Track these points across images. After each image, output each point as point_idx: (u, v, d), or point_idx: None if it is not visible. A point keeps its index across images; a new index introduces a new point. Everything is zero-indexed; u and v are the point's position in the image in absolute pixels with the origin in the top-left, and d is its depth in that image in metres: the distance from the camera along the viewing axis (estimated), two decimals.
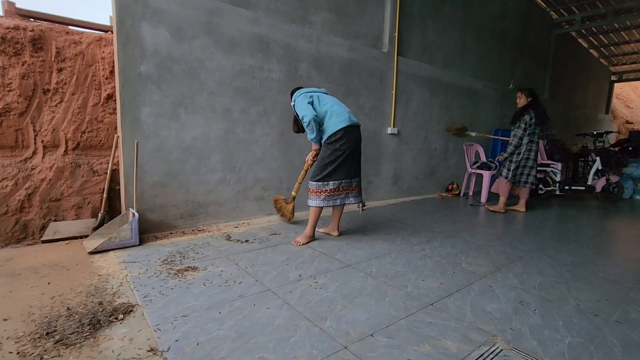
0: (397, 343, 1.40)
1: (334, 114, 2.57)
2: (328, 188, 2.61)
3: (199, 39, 2.88)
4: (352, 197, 2.73)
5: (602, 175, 5.16)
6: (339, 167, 2.59)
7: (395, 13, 4.37)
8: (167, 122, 2.79)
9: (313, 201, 2.63)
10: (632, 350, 1.41)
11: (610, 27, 8.98)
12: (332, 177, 2.60)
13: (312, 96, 2.61)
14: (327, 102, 2.62)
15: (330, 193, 2.62)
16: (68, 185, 2.73)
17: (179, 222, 2.94)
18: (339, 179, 2.62)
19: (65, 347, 1.30)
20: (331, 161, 2.57)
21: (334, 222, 2.87)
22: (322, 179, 2.59)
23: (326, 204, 2.63)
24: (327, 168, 2.58)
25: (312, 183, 2.64)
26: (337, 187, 2.63)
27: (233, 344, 1.36)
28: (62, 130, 2.75)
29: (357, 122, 2.67)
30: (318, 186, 2.61)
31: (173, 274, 2.01)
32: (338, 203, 2.67)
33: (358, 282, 1.99)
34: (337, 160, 2.57)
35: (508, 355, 1.35)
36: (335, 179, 2.61)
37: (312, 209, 2.66)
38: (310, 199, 2.65)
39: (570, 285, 2.06)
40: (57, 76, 2.74)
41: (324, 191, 2.61)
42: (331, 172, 2.58)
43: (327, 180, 2.60)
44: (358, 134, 2.67)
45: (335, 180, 2.61)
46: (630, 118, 14.43)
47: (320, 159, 2.64)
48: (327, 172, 2.58)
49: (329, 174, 2.59)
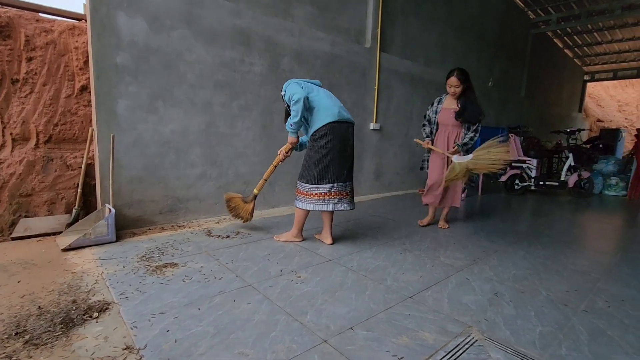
0: (376, 336, 1.43)
1: (320, 108, 2.33)
2: (319, 192, 2.36)
3: (177, 30, 2.80)
4: (346, 202, 2.45)
5: (574, 171, 5.37)
6: (328, 168, 2.34)
7: (377, 8, 4.38)
8: (144, 115, 2.72)
9: (301, 203, 2.42)
10: (598, 337, 1.49)
11: (584, 28, 9.31)
12: (322, 179, 2.35)
13: (304, 86, 2.36)
14: (317, 94, 2.36)
15: (321, 197, 2.37)
16: (40, 180, 2.62)
17: (157, 218, 2.88)
18: (331, 182, 2.36)
19: (35, 347, 1.26)
20: (317, 160, 2.34)
21: (326, 229, 2.58)
22: (312, 181, 2.36)
23: (316, 209, 2.38)
24: (315, 168, 2.34)
25: (303, 184, 2.40)
26: (329, 191, 2.37)
27: (212, 340, 1.35)
28: (32, 122, 2.63)
29: (347, 118, 2.41)
30: (308, 188, 2.38)
31: (151, 271, 1.97)
32: (329, 209, 2.39)
33: (339, 277, 2.00)
34: (324, 160, 2.33)
35: (482, 345, 1.39)
36: (327, 181, 2.36)
37: (297, 211, 2.48)
38: (297, 200, 2.44)
39: (542, 277, 2.14)
40: (27, 66, 2.61)
41: (315, 194, 2.37)
42: (321, 173, 2.34)
43: (319, 182, 2.35)
44: (347, 131, 2.40)
45: (327, 184, 2.36)
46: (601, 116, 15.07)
47: (306, 158, 2.42)
48: (316, 172, 2.34)
49: (319, 176, 2.34)
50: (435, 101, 3.13)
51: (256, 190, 2.74)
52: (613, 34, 9.68)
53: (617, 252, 2.75)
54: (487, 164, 2.71)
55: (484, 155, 2.74)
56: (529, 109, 8.98)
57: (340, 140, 2.35)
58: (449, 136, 3.04)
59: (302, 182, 2.42)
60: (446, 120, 3.01)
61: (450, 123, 3.00)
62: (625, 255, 2.64)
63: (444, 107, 3.04)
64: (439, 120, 3.05)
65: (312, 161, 2.36)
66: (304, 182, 2.41)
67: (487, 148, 2.74)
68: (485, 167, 2.73)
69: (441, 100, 3.10)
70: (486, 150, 2.75)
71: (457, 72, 2.90)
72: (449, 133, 3.04)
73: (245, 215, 2.75)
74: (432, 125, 3.12)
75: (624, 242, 3.11)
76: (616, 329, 1.57)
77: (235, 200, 2.78)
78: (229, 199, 2.80)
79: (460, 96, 2.95)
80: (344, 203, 2.43)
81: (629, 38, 9.80)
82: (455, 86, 2.91)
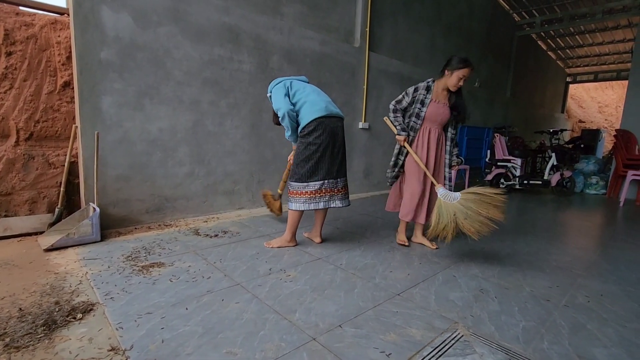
0: (364, 333, 1.44)
1: (307, 103, 2.27)
2: (309, 189, 2.30)
3: (164, 26, 2.76)
4: (338, 199, 2.40)
5: (557, 170, 5.51)
6: (318, 165, 2.29)
7: (366, 8, 4.40)
8: (130, 113, 2.67)
9: (292, 204, 2.34)
10: (578, 331, 1.53)
11: (567, 31, 9.54)
12: (312, 176, 2.29)
13: (288, 86, 2.32)
14: (303, 91, 2.31)
15: (311, 195, 2.31)
16: (20, 178, 2.54)
17: (144, 217, 2.83)
18: (321, 178, 2.31)
19: (16, 350, 1.22)
20: (307, 157, 2.28)
21: (317, 228, 2.57)
22: (301, 179, 2.30)
23: (307, 208, 2.31)
24: (304, 166, 2.28)
25: (292, 184, 2.35)
26: (320, 189, 2.32)
27: (200, 339, 1.34)
28: (12, 119, 2.55)
29: (336, 112, 2.35)
30: (298, 187, 2.31)
31: (137, 271, 1.94)
32: (321, 206, 2.34)
33: (328, 275, 2.01)
34: (314, 157, 2.27)
35: (468, 340, 1.42)
36: (316, 179, 2.30)
37: (290, 212, 2.37)
38: (289, 202, 2.36)
39: (526, 273, 2.20)
40: (6, 60, 2.53)
41: (305, 193, 2.30)
42: (310, 171, 2.29)
43: (307, 180, 2.29)
44: (337, 126, 2.34)
45: (316, 181, 2.30)
46: (583, 117, 15.49)
47: (295, 155, 2.35)
48: (305, 170, 2.28)
49: (308, 173, 2.29)
50: (421, 88, 2.47)
51: (279, 190, 3.05)
52: (594, 37, 9.96)
53: (597, 248, 2.83)
54: (475, 222, 2.13)
55: (474, 205, 2.15)
56: (514, 109, 9.16)
57: (329, 135, 2.28)
58: (438, 137, 2.51)
59: (291, 182, 2.36)
60: (437, 116, 2.46)
61: (439, 121, 2.48)
62: (604, 252, 2.73)
63: (435, 100, 2.46)
64: (427, 115, 2.45)
65: (301, 158, 2.30)
66: (293, 181, 2.34)
67: (480, 194, 2.18)
68: (470, 227, 2.13)
69: (430, 89, 2.47)
70: (479, 196, 2.17)
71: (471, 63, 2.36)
72: (437, 134, 2.51)
73: (276, 210, 3.05)
74: (410, 119, 2.51)
75: (604, 239, 3.22)
76: (595, 322, 1.62)
77: (268, 197, 3.09)
78: (264, 195, 3.12)
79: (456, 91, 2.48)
80: (335, 200, 2.39)
81: (609, 41, 10.10)
82: (465, 79, 2.38)
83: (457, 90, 2.47)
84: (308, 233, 2.70)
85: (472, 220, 2.13)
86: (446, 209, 2.21)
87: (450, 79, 2.39)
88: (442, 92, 2.49)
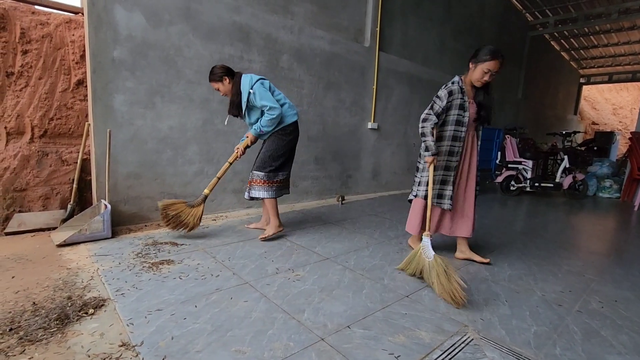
0: (373, 334, 1.43)
1: (286, 105, 2.54)
2: (278, 179, 2.60)
3: (176, 25, 2.78)
4: (286, 189, 2.75)
5: (569, 173, 5.41)
6: (289, 159, 2.64)
7: (377, 7, 4.38)
8: (142, 111, 2.69)
9: (266, 192, 2.54)
10: (592, 337, 1.50)
11: (581, 32, 9.37)
12: (283, 168, 2.61)
13: (268, 86, 2.48)
14: (280, 94, 2.56)
15: (280, 184, 2.62)
16: (34, 174, 2.59)
17: (154, 215, 2.86)
18: (288, 170, 2.67)
19: (30, 343, 1.25)
20: (285, 152, 2.57)
21: (266, 216, 2.76)
22: (274, 170, 2.55)
23: (277, 195, 2.61)
24: (280, 159, 2.55)
25: (261, 174, 2.53)
26: (286, 178, 2.67)
27: (209, 337, 1.34)
28: (27, 116, 2.60)
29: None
30: (269, 177, 2.54)
31: (147, 267, 1.96)
32: (286, 193, 2.72)
33: (336, 275, 2.01)
34: (287, 153, 2.59)
35: (478, 344, 1.40)
36: (285, 170, 2.64)
37: (268, 201, 2.57)
38: (259, 191, 2.54)
39: (537, 277, 2.16)
40: (22, 59, 2.58)
41: (276, 182, 2.58)
42: (283, 163, 2.60)
43: (278, 171, 2.58)
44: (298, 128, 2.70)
45: (284, 172, 2.64)
46: (596, 119, 15.19)
47: (273, 149, 2.52)
48: (279, 162, 2.56)
49: (281, 165, 2.58)
50: (456, 92, 2.15)
51: (207, 190, 2.55)
52: (609, 38, 9.75)
53: (610, 253, 2.78)
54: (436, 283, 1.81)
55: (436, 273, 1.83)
56: (525, 110, 9.03)
57: (297, 136, 2.66)
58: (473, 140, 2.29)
59: (261, 172, 2.54)
60: (472, 118, 2.23)
61: (472, 123, 2.25)
62: (618, 257, 2.67)
63: (471, 102, 2.20)
64: (470, 121, 2.21)
65: (279, 153, 2.55)
66: (264, 172, 2.53)
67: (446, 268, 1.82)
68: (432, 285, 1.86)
69: (463, 91, 2.16)
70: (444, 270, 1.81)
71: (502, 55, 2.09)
72: (472, 136, 2.28)
73: (193, 220, 2.47)
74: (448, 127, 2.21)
75: (617, 243, 3.15)
76: (609, 329, 1.58)
77: (176, 207, 2.45)
78: (166, 207, 2.42)
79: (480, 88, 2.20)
80: (286, 189, 2.74)
81: (624, 42, 9.88)
82: (492, 74, 2.10)
83: (485, 86, 2.18)
84: (255, 224, 2.88)
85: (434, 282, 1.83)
86: (417, 261, 2.00)
87: (474, 72, 2.13)
88: (471, 90, 2.22)
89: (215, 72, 2.47)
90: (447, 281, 1.76)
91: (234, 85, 2.46)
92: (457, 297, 1.68)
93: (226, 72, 2.48)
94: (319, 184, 4.11)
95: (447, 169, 2.24)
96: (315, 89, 3.89)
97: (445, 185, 2.26)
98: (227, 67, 2.51)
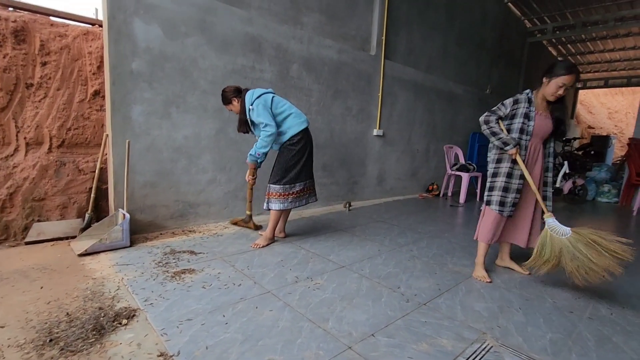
0: (397, 342, 1.49)
1: (292, 115, 2.58)
2: (295, 190, 2.63)
3: (192, 37, 2.84)
4: (312, 196, 2.80)
5: (569, 178, 5.51)
6: (303, 168, 2.64)
7: (383, 16, 4.46)
8: (158, 121, 2.75)
9: (276, 204, 2.58)
10: (604, 344, 1.57)
11: (578, 38, 9.52)
12: (298, 178, 2.63)
13: (269, 105, 2.50)
14: (284, 103, 2.59)
15: (297, 195, 2.65)
16: (52, 184, 2.63)
17: (168, 223, 2.91)
18: (304, 179, 2.68)
19: (72, 354, 1.29)
20: (295, 162, 2.59)
21: (282, 225, 2.87)
22: (289, 182, 2.59)
23: (293, 206, 2.65)
24: (292, 170, 2.59)
25: (276, 187, 2.59)
26: (303, 188, 2.69)
27: (241, 346, 1.40)
28: (46, 126, 2.64)
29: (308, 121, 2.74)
30: (284, 189, 2.58)
31: (170, 277, 2.01)
32: (304, 203, 2.74)
33: (354, 283, 2.07)
34: (301, 162, 2.61)
35: (498, 351, 1.47)
36: (301, 180, 2.65)
37: (273, 212, 2.63)
38: (272, 203, 2.59)
39: (546, 284, 2.23)
40: (41, 70, 2.63)
41: (292, 194, 2.62)
42: (297, 174, 2.61)
43: (294, 182, 2.61)
44: (311, 135, 2.73)
45: (301, 182, 2.66)
46: (592, 123, 15.39)
47: (283, 161, 2.59)
48: (293, 174, 2.59)
49: (295, 176, 2.61)
50: (522, 100, 2.21)
51: (248, 211, 3.08)
52: (605, 44, 9.92)
53: None
54: (583, 267, 1.92)
55: (585, 249, 1.94)
56: None
57: (308, 143, 2.67)
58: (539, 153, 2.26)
59: (277, 185, 2.59)
60: (540, 130, 2.20)
61: (541, 134, 2.23)
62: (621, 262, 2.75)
63: (538, 112, 2.20)
64: (535, 131, 2.19)
65: (290, 164, 2.59)
66: (280, 185, 2.59)
67: (596, 242, 1.95)
68: (575, 270, 1.94)
69: (531, 101, 2.20)
70: (594, 242, 1.95)
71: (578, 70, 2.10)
72: (538, 149, 2.25)
73: (252, 227, 3.08)
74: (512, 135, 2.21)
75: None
76: (620, 335, 1.66)
77: (239, 223, 3.16)
78: (235, 223, 3.17)
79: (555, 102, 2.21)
80: (311, 197, 2.79)
81: (619, 48, 10.05)
82: (567, 88, 2.09)
83: (560, 100, 2.19)
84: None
85: (580, 264, 1.93)
86: (552, 243, 2.03)
87: (547, 87, 2.13)
88: (542, 103, 2.23)
89: (225, 95, 2.62)
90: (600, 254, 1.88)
91: (241, 104, 2.56)
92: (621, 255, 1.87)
93: (234, 93, 2.60)
94: (326, 191, 4.17)
95: (509, 176, 2.24)
96: (324, 97, 3.97)
97: (507, 193, 2.25)
98: (235, 88, 2.62)
